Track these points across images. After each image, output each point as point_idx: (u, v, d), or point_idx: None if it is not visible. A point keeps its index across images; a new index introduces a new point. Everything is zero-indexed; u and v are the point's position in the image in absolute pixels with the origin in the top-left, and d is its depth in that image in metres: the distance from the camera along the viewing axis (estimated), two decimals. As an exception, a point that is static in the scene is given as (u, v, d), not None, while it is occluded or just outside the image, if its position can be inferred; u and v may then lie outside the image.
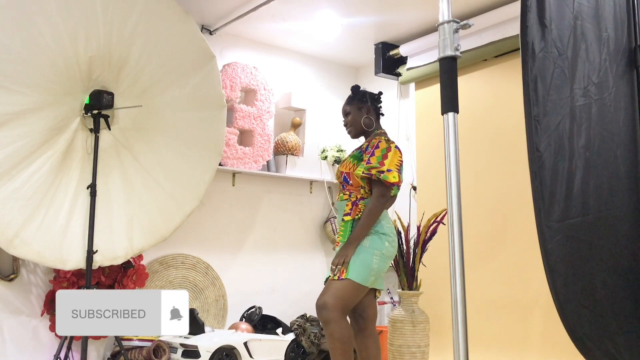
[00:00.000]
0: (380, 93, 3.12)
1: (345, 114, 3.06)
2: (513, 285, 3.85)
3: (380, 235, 2.77)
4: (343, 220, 2.85)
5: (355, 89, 3.08)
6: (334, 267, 2.73)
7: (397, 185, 2.78)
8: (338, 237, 2.87)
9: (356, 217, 2.80)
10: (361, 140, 3.07)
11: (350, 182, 2.86)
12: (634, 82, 2.07)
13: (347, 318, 2.79)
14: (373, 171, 2.74)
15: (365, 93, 3.05)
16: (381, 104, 3.09)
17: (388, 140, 2.86)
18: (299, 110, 4.85)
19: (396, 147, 2.85)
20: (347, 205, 2.86)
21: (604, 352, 1.89)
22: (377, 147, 2.80)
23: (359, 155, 2.88)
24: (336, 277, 2.71)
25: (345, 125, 3.06)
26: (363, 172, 2.76)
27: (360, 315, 2.89)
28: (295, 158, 4.68)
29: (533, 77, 1.81)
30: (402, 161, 2.83)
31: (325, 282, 2.85)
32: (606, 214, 1.92)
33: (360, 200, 2.83)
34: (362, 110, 3.00)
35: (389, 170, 2.73)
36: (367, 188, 2.82)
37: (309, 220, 4.95)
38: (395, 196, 2.89)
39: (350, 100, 3.05)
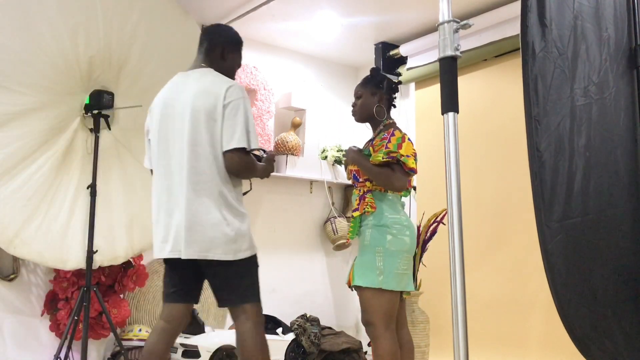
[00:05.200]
0: (399, 82, 2.94)
1: (357, 96, 2.86)
2: (513, 285, 3.86)
3: (380, 228, 2.56)
4: (352, 216, 2.69)
5: (375, 71, 2.87)
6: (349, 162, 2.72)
7: (414, 171, 2.60)
8: (348, 234, 2.75)
9: (363, 212, 2.63)
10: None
11: (360, 179, 2.69)
12: (634, 82, 2.07)
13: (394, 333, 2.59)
14: (394, 154, 2.56)
15: (383, 79, 2.83)
16: (396, 95, 2.88)
17: (401, 131, 2.69)
18: (299, 110, 4.85)
19: (409, 139, 2.68)
20: (356, 200, 2.71)
21: (604, 352, 1.89)
22: (393, 135, 2.63)
23: (368, 153, 2.70)
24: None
25: (353, 106, 2.88)
26: (383, 158, 2.56)
27: None
28: (295, 158, 4.68)
29: (533, 77, 1.81)
30: (415, 153, 2.65)
31: (349, 284, 2.73)
32: (606, 214, 1.93)
33: (367, 193, 2.65)
34: (375, 96, 2.80)
35: (407, 156, 2.57)
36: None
37: (309, 220, 4.95)
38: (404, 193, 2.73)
39: (365, 82, 2.84)
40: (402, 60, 4.65)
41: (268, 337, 4.03)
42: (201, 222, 2.36)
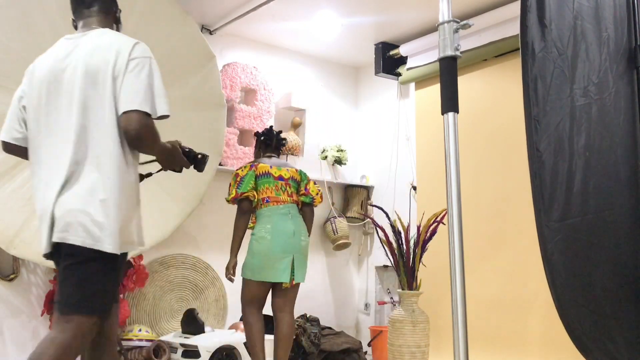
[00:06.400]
0: (269, 127, 3.68)
1: None
2: (513, 285, 3.85)
3: (252, 236, 3.38)
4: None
5: (255, 134, 3.69)
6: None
7: (235, 199, 3.36)
8: None
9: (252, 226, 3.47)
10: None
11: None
12: (634, 82, 2.07)
13: (255, 311, 3.37)
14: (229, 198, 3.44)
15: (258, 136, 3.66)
16: (263, 137, 3.61)
17: (242, 169, 3.44)
18: (299, 110, 4.85)
19: (239, 172, 3.42)
20: None
21: (603, 352, 1.89)
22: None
23: None
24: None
25: None
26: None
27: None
28: (295, 158, 4.68)
29: (533, 77, 1.81)
30: (238, 175, 3.40)
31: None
32: (606, 214, 1.93)
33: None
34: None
35: (230, 193, 3.38)
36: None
37: (309, 220, 4.94)
38: (248, 209, 3.41)
39: None
40: (402, 60, 4.65)
41: (268, 337, 4.04)
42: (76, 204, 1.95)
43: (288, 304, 3.40)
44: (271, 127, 3.71)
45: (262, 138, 3.64)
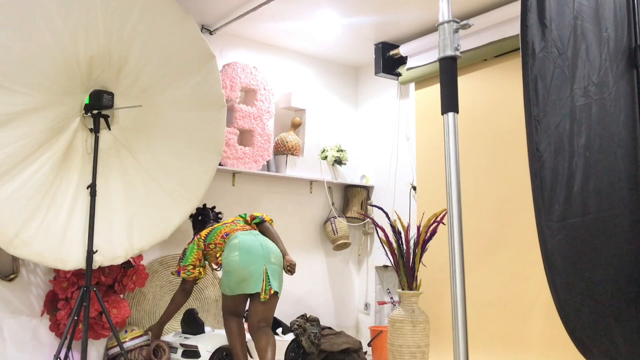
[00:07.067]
0: (203, 206, 4.04)
1: None
2: (513, 285, 3.85)
3: (222, 260, 3.55)
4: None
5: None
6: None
7: (178, 272, 3.67)
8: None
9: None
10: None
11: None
12: (634, 82, 2.07)
13: (234, 318, 3.54)
14: (176, 271, 3.75)
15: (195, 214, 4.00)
16: (200, 217, 3.97)
17: (193, 241, 3.73)
18: (299, 110, 4.85)
19: (193, 243, 3.71)
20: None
21: (603, 352, 1.89)
22: (184, 251, 3.75)
23: None
24: None
25: None
26: (172, 273, 3.92)
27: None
28: (295, 158, 4.68)
29: (533, 77, 1.81)
30: (185, 249, 3.72)
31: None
32: (606, 214, 1.93)
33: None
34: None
35: (185, 266, 3.67)
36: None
37: (309, 220, 4.95)
38: (189, 290, 3.75)
39: None
40: (402, 60, 4.65)
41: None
42: None
43: (264, 321, 3.43)
44: (204, 205, 4.03)
45: (199, 217, 3.97)
